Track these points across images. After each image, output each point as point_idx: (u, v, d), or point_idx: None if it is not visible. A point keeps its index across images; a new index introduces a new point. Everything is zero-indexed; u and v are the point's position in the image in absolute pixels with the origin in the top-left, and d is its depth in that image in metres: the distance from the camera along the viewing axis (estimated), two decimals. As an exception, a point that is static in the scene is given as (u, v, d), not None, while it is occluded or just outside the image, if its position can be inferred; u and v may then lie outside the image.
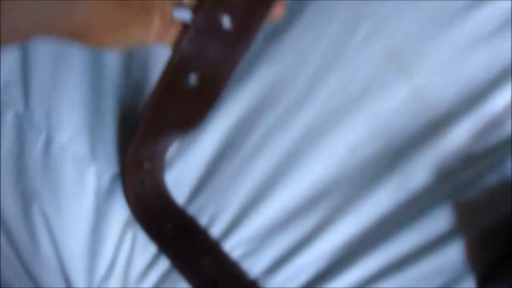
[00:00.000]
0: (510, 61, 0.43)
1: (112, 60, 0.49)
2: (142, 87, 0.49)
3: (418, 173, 0.44)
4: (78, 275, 0.50)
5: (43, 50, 0.49)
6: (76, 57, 0.49)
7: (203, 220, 0.48)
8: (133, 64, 0.49)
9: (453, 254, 0.43)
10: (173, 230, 0.47)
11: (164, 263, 0.48)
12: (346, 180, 0.45)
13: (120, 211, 0.48)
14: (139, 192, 0.46)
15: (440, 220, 0.44)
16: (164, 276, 0.48)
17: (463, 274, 0.44)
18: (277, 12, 0.36)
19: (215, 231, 0.47)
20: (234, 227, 0.47)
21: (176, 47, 0.36)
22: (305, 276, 0.46)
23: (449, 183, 0.44)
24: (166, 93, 0.38)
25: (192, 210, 0.48)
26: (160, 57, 0.43)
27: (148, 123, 0.41)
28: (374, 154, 0.45)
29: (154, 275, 0.49)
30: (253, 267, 0.47)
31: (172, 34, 0.36)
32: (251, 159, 0.46)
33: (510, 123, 0.44)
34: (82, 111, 0.49)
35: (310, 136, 0.46)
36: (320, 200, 0.45)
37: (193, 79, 0.38)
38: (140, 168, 0.45)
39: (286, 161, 0.46)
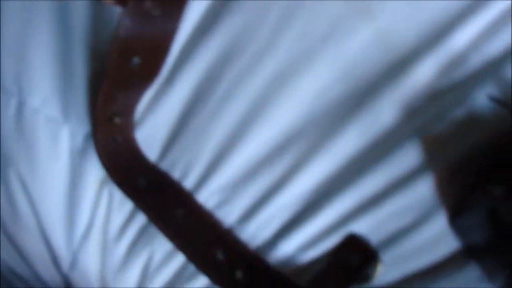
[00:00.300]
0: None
1: (80, 21, 0.49)
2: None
3: (385, 112, 0.45)
4: (57, 236, 0.50)
5: (9, 15, 0.49)
6: (43, 19, 0.49)
7: (175, 174, 0.48)
8: (101, 23, 0.49)
9: (424, 190, 0.44)
10: (146, 185, 0.47)
11: (140, 219, 0.49)
12: (314, 124, 0.45)
13: (95, 170, 0.49)
14: (111, 149, 0.47)
15: (408, 156, 0.44)
16: (142, 231, 0.49)
17: (435, 208, 0.44)
18: None
19: (188, 183, 0.48)
20: (206, 178, 0.47)
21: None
22: (279, 221, 0.46)
23: (416, 120, 0.44)
24: (130, 41, 0.39)
25: (164, 165, 0.49)
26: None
27: (113, 74, 0.41)
28: (340, 96, 0.45)
29: (131, 231, 0.49)
30: (228, 216, 0.47)
31: None
32: (219, 110, 0.47)
33: (474, 58, 0.44)
34: (53, 73, 0.49)
35: (276, 83, 0.46)
36: (290, 146, 0.46)
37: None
38: (111, 124, 0.46)
39: (254, 110, 0.46)
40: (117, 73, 0.42)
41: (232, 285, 0.45)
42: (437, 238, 0.44)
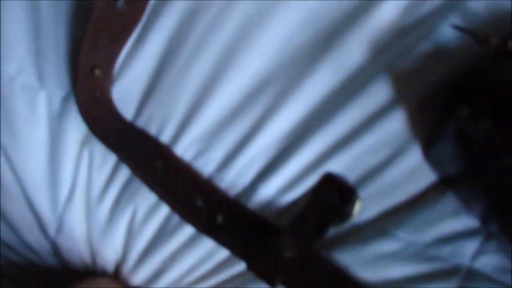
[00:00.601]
0: None
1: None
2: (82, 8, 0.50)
3: (352, 52, 0.45)
4: (42, 202, 0.51)
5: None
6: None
7: (152, 130, 0.49)
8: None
9: (396, 124, 0.44)
10: (125, 140, 0.48)
11: (121, 177, 0.50)
12: (284, 69, 0.46)
13: (74, 132, 0.50)
14: (90, 105, 0.48)
15: (378, 93, 0.45)
16: (123, 189, 0.50)
17: (408, 142, 0.45)
18: None
19: (165, 137, 0.49)
20: (182, 130, 0.48)
21: None
22: (257, 166, 0.47)
23: (384, 57, 0.45)
24: None
25: (141, 122, 0.49)
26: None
27: (98, 18, 0.42)
28: (307, 41, 0.46)
29: (113, 190, 0.50)
30: (206, 165, 0.48)
31: None
32: (191, 64, 0.47)
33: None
34: (26, 40, 0.50)
35: (243, 33, 0.46)
36: (262, 92, 0.46)
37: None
38: (92, 76, 0.47)
39: (223, 60, 0.47)
40: (102, 16, 0.42)
41: (213, 230, 0.46)
42: (413, 171, 0.45)
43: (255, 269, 0.43)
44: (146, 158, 0.47)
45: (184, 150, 0.48)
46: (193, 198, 0.46)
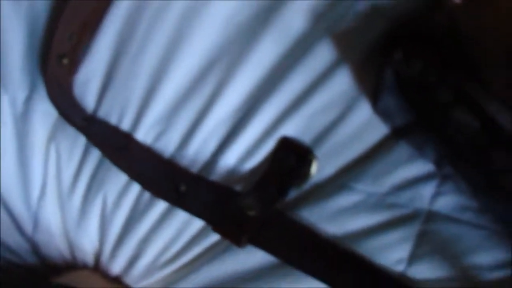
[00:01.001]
0: None
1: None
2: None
3: (293, 20, 0.47)
4: (15, 202, 0.53)
5: None
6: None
7: (113, 119, 0.51)
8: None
9: (343, 83, 0.46)
10: (91, 130, 0.50)
11: (89, 167, 0.51)
12: (229, 45, 0.48)
13: (39, 130, 0.52)
14: (57, 94, 0.50)
15: (323, 55, 0.46)
16: (92, 178, 0.51)
17: (357, 99, 0.46)
18: None
19: (126, 125, 0.50)
20: (140, 116, 0.50)
21: None
22: (215, 139, 0.49)
23: (324, 21, 0.47)
24: None
25: (101, 114, 0.51)
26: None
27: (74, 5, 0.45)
28: (248, 16, 0.47)
29: (82, 181, 0.52)
30: (167, 146, 0.50)
31: None
32: (142, 52, 0.49)
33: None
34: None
35: (188, 17, 0.48)
36: (212, 69, 0.48)
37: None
38: (60, 65, 0.49)
39: (172, 44, 0.48)
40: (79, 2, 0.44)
41: (178, 199, 0.47)
42: (364, 125, 0.46)
43: (220, 230, 0.44)
44: (111, 144, 0.49)
45: (144, 135, 0.50)
46: (158, 174, 0.48)
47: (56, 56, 0.48)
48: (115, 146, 0.49)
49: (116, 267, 0.53)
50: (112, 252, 0.52)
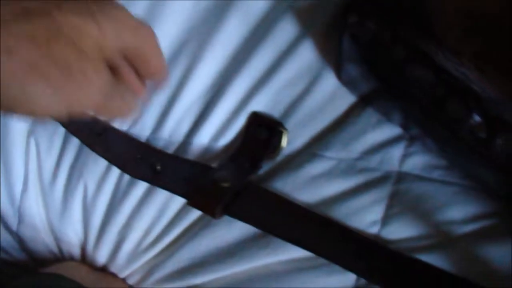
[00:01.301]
0: None
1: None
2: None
3: (256, 1, 0.49)
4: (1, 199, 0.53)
5: None
6: None
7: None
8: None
9: (307, 56, 0.48)
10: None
11: (68, 158, 0.53)
12: (197, 30, 0.49)
13: (19, 125, 0.53)
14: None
15: (286, 31, 0.48)
16: (71, 169, 0.53)
17: (322, 70, 0.48)
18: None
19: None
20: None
21: None
22: (188, 119, 0.50)
23: (285, -2, 0.49)
24: None
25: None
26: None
27: None
28: (212, 2, 0.50)
29: (63, 172, 0.53)
30: (142, 131, 0.51)
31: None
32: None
33: None
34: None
35: (155, 7, 0.50)
36: (181, 53, 0.50)
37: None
38: None
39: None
40: None
41: (154, 177, 0.48)
42: (332, 95, 0.48)
43: (195, 203, 0.45)
44: (90, 133, 0.51)
45: (120, 122, 0.51)
46: (135, 156, 0.49)
47: None
48: (93, 132, 0.50)
49: (101, 257, 0.53)
50: (96, 241, 0.53)
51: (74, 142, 0.52)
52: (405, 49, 0.40)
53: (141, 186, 0.50)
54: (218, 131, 0.49)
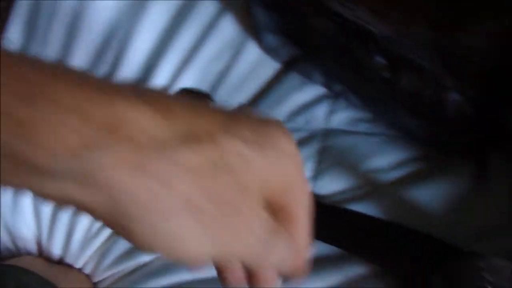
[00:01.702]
0: None
1: None
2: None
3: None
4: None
5: None
6: None
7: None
8: None
9: (230, 30, 0.50)
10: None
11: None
12: (124, 17, 0.52)
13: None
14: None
15: (208, 9, 0.50)
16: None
17: (245, 41, 0.50)
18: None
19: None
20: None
21: None
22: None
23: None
24: None
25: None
26: None
27: None
28: None
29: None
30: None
31: None
32: (47, 35, 0.53)
33: None
34: None
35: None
36: (111, 39, 0.52)
37: None
38: None
39: (75, 23, 0.53)
40: None
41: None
42: (256, 64, 0.50)
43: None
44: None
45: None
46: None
47: None
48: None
49: (55, 248, 0.54)
50: (49, 232, 0.54)
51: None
52: (307, 4, 0.42)
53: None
54: (151, 110, 0.51)
